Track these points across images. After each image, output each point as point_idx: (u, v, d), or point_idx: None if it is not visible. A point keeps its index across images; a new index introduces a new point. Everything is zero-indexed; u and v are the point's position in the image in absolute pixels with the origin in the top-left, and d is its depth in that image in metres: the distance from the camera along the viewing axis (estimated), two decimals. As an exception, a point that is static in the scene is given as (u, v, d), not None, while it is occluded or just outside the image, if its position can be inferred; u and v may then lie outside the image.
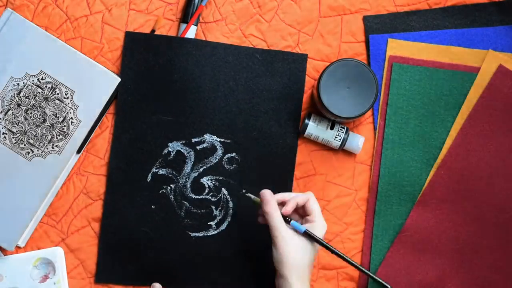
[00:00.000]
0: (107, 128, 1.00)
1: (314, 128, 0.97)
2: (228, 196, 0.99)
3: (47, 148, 0.97)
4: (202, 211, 0.99)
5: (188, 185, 0.99)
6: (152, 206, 0.99)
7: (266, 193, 0.88)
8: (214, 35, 1.00)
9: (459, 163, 0.98)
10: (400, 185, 0.98)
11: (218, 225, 0.99)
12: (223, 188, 0.99)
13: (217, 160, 0.99)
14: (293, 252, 0.85)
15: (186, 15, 0.99)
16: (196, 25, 0.99)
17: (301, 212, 0.91)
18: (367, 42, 1.00)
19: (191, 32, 0.98)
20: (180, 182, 0.99)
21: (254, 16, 1.00)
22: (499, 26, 0.99)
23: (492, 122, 0.97)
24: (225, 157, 0.99)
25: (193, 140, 0.98)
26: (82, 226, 1.00)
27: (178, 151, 0.99)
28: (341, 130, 0.97)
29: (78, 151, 0.98)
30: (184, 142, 0.99)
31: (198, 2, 0.98)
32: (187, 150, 0.99)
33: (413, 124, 0.99)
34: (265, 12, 1.00)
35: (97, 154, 1.00)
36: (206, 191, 0.99)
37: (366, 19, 1.00)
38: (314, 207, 0.88)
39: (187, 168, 0.99)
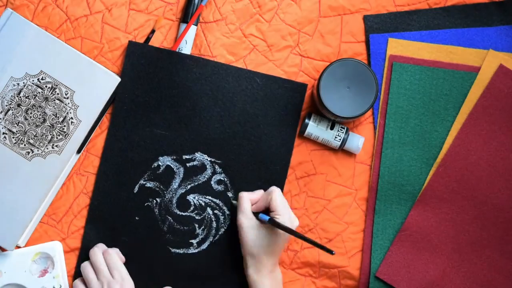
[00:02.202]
0: (107, 128, 1.00)
1: (314, 128, 0.97)
2: (212, 216, 0.99)
3: (47, 148, 0.97)
4: (185, 228, 0.99)
5: (174, 201, 0.99)
6: (136, 218, 0.99)
7: (243, 194, 0.96)
8: (214, 35, 1.00)
9: (459, 162, 0.98)
10: (400, 184, 0.98)
11: (199, 243, 0.99)
12: (208, 208, 0.99)
13: (205, 179, 0.99)
14: (248, 239, 0.92)
15: (186, 15, 0.98)
16: (196, 25, 0.99)
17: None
18: (367, 42, 1.00)
19: (191, 32, 0.98)
20: (167, 197, 0.99)
21: (254, 16, 1.00)
22: (500, 26, 0.99)
23: (492, 122, 0.97)
24: (214, 178, 0.99)
25: (184, 156, 0.98)
26: (82, 226, 1.00)
27: (168, 166, 0.99)
28: (341, 130, 0.97)
29: (78, 151, 0.99)
30: (174, 157, 0.99)
31: (198, 2, 0.98)
32: (176, 166, 0.99)
33: (413, 123, 0.99)
34: (265, 12, 1.00)
35: (97, 154, 1.00)
36: (191, 208, 0.99)
37: (366, 18, 1.00)
38: (275, 203, 0.92)
39: (175, 183, 0.99)
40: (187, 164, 0.99)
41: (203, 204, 0.99)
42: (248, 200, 0.95)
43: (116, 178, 0.99)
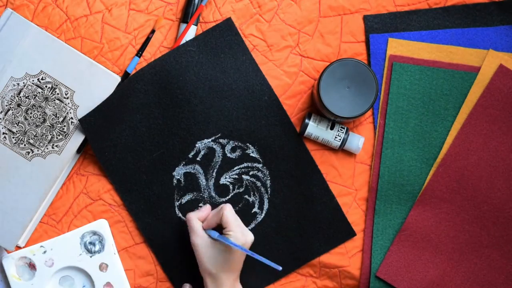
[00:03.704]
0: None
1: (314, 128, 0.97)
2: (252, 179, 0.99)
3: (47, 148, 0.97)
4: (239, 206, 0.99)
5: (214, 194, 0.99)
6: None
7: (189, 214, 0.94)
8: (214, 35, 1.00)
9: (459, 162, 0.98)
10: (400, 184, 0.98)
11: (260, 208, 0.99)
12: (243, 176, 0.99)
13: (221, 157, 0.99)
14: (203, 258, 0.92)
15: (186, 15, 0.99)
16: (196, 25, 0.99)
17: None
18: (367, 42, 1.00)
19: (191, 32, 0.98)
20: (205, 195, 0.99)
21: (254, 16, 1.00)
22: (500, 26, 0.99)
23: (492, 122, 0.97)
24: (226, 150, 0.99)
25: (190, 155, 0.99)
26: (82, 225, 1.00)
27: (185, 173, 0.99)
28: (341, 130, 0.97)
29: (78, 151, 0.99)
30: (184, 163, 0.99)
31: (198, 2, 0.98)
32: (191, 167, 0.99)
33: (413, 123, 0.99)
34: (265, 12, 1.00)
35: (97, 154, 1.00)
36: (231, 187, 0.99)
37: (366, 18, 1.00)
38: (227, 219, 0.91)
39: (202, 181, 0.99)
40: (197, 159, 0.99)
41: (237, 177, 0.99)
42: (196, 218, 0.94)
43: (150, 209, 0.99)
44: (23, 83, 0.97)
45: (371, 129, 1.00)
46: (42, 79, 0.97)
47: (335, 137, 0.97)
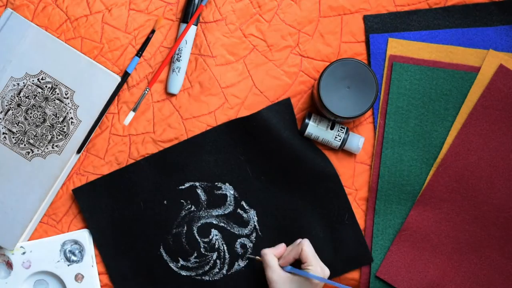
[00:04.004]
0: (107, 128, 1.00)
1: (314, 128, 0.97)
2: (212, 262, 0.99)
3: (47, 148, 0.97)
4: (187, 247, 1.00)
5: (201, 222, 0.99)
6: (165, 202, 0.99)
7: (265, 250, 0.94)
8: (214, 35, 1.00)
9: (459, 162, 0.98)
10: (400, 184, 0.98)
11: (182, 267, 1.00)
12: (215, 253, 0.99)
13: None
14: None
15: (186, 15, 0.98)
16: (196, 25, 0.99)
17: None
18: (367, 42, 1.00)
19: (191, 32, 0.98)
20: (200, 213, 0.99)
21: (254, 16, 1.00)
22: (500, 26, 0.99)
23: (492, 122, 0.97)
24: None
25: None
26: (82, 226, 1.00)
27: (225, 194, 1.00)
28: (341, 130, 0.97)
29: (78, 151, 0.99)
30: (236, 195, 1.00)
31: (198, 2, 0.98)
32: (231, 201, 0.99)
33: (413, 123, 0.99)
34: (265, 12, 1.00)
35: (97, 154, 1.00)
36: (206, 240, 0.99)
37: (366, 18, 1.00)
38: (306, 254, 0.90)
39: (216, 211, 0.99)
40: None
41: (216, 246, 0.99)
42: (272, 254, 0.93)
43: (178, 167, 1.00)
44: (23, 83, 0.97)
45: (371, 129, 1.00)
46: (42, 79, 0.97)
47: (335, 137, 0.97)
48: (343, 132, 0.97)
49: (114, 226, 0.99)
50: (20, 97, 0.97)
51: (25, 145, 0.97)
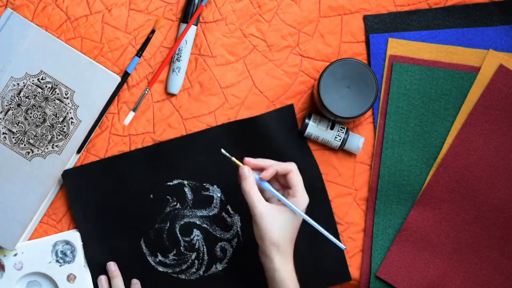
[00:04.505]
0: (107, 128, 1.00)
1: (314, 128, 0.97)
2: (189, 262, 0.99)
3: (47, 148, 0.97)
4: (167, 243, 0.99)
5: (184, 220, 0.99)
6: (151, 195, 0.99)
7: (244, 169, 0.86)
8: (214, 35, 1.00)
9: (459, 162, 0.98)
10: (400, 184, 0.98)
11: (160, 263, 0.99)
12: (195, 253, 0.99)
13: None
14: (272, 228, 0.83)
15: (186, 15, 0.98)
16: (196, 25, 0.99)
17: (283, 182, 0.89)
18: (367, 42, 1.00)
19: (191, 32, 0.98)
20: (184, 212, 0.99)
21: (254, 16, 1.00)
22: (500, 26, 0.99)
23: (492, 122, 0.97)
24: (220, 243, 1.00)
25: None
26: (82, 226, 1.00)
27: (212, 196, 0.99)
28: (341, 130, 0.97)
29: (78, 151, 0.99)
30: (222, 195, 0.99)
31: (198, 2, 0.98)
32: (217, 204, 0.99)
33: (413, 123, 0.99)
34: (265, 12, 1.00)
35: (97, 154, 1.00)
36: (187, 239, 0.99)
37: (366, 18, 1.00)
38: (296, 180, 0.86)
39: (200, 212, 0.99)
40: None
41: (196, 246, 0.99)
42: (254, 182, 0.85)
43: (168, 162, 0.99)
44: (23, 83, 0.97)
45: (371, 129, 1.00)
46: (42, 79, 0.97)
47: (335, 137, 0.97)
48: (343, 132, 0.97)
49: (97, 212, 0.98)
50: (20, 97, 0.97)
51: (25, 145, 0.97)
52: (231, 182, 0.98)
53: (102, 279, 0.97)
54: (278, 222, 0.84)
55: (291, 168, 0.87)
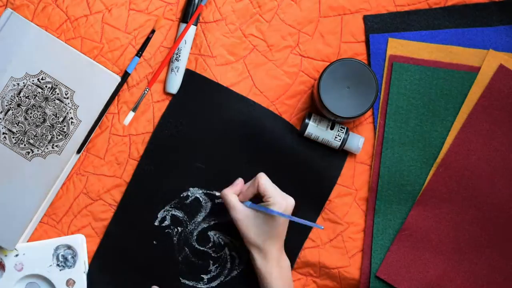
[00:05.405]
0: (107, 128, 1.00)
1: (314, 128, 0.97)
2: (228, 257, 0.99)
3: (47, 148, 0.97)
4: (200, 262, 0.99)
5: (195, 233, 0.99)
6: (154, 242, 0.99)
7: (224, 191, 0.94)
8: (214, 35, 1.00)
9: (459, 162, 0.98)
10: (400, 184, 0.98)
11: (210, 280, 0.99)
12: (226, 248, 0.99)
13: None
14: (247, 230, 0.91)
15: (186, 15, 0.98)
16: (196, 25, 0.99)
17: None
18: (367, 42, 1.00)
19: (191, 32, 0.98)
20: (189, 228, 0.99)
21: (254, 16, 1.00)
22: (500, 26, 0.99)
23: (492, 122, 0.97)
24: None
25: (215, 193, 0.98)
26: (82, 226, 1.00)
27: (197, 198, 0.99)
28: (341, 130, 0.97)
29: (78, 151, 0.99)
30: (205, 192, 0.99)
31: (198, 2, 0.98)
32: (205, 200, 0.99)
33: (413, 123, 0.99)
34: (265, 12, 1.00)
35: (97, 154, 1.00)
36: (210, 244, 0.99)
37: (366, 18, 1.00)
38: (264, 187, 0.90)
39: (200, 217, 0.99)
40: (216, 200, 0.99)
41: (222, 243, 0.99)
42: (232, 193, 0.93)
43: (143, 199, 0.98)
44: (23, 83, 0.97)
45: (371, 129, 1.00)
46: (42, 79, 0.97)
47: (335, 137, 0.97)
48: (343, 132, 0.97)
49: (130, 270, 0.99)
50: (20, 97, 0.97)
51: (25, 145, 0.97)
52: (203, 177, 0.99)
53: None
54: (254, 224, 0.91)
55: (258, 180, 0.91)
